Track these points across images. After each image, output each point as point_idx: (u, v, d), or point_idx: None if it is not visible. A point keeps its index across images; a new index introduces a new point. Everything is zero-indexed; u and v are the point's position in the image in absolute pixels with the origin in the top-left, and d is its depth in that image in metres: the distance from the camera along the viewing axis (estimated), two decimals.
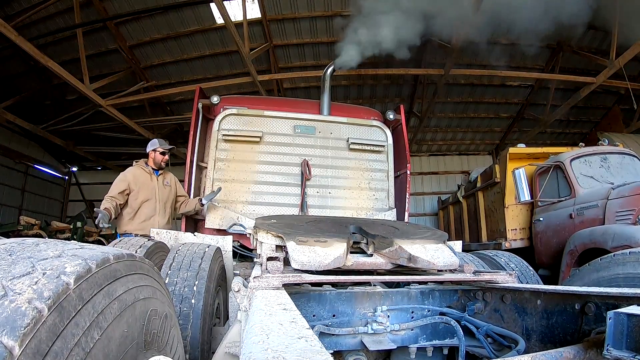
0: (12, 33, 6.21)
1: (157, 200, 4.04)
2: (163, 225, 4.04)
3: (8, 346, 0.59)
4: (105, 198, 3.86)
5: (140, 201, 3.96)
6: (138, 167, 4.11)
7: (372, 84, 11.05)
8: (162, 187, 4.11)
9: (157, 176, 4.14)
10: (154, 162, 4.14)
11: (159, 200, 4.05)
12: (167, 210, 4.13)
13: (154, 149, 4.15)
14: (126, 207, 3.95)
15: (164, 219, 4.06)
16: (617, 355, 0.90)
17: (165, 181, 4.18)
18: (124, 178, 3.98)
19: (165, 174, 4.24)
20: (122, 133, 11.45)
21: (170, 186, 4.20)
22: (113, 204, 3.81)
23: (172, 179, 4.27)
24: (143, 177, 4.05)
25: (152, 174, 4.11)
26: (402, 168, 4.58)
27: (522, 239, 6.19)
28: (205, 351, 1.96)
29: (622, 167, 5.23)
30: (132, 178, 4.00)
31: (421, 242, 1.95)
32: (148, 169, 4.11)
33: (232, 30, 6.92)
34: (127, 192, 3.94)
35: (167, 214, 4.12)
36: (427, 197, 13.77)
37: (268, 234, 1.95)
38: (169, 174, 4.29)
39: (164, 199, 4.10)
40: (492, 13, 6.24)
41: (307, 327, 0.82)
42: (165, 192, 4.13)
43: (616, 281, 1.76)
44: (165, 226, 4.06)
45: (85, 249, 0.88)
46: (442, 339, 1.81)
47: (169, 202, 4.16)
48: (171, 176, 4.30)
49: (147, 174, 4.08)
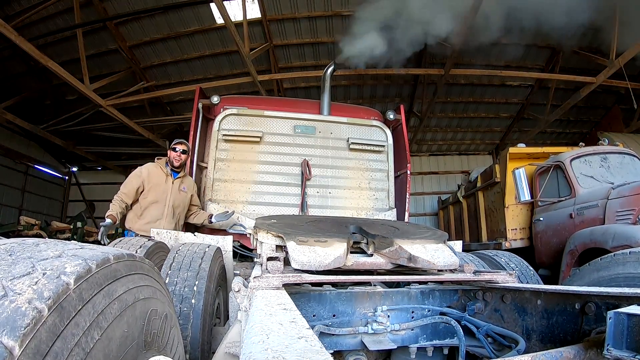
0: (12, 33, 6.21)
1: (167, 205, 3.78)
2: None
3: (8, 346, 0.59)
4: (116, 197, 3.66)
5: (149, 201, 3.73)
6: (156, 165, 3.86)
7: (372, 84, 11.05)
8: (176, 192, 3.84)
9: (175, 179, 3.88)
10: (169, 161, 3.89)
11: (168, 204, 3.78)
12: (176, 216, 3.86)
13: (170, 147, 3.94)
14: (136, 203, 3.74)
15: (170, 224, 3.79)
16: (617, 355, 0.90)
17: (183, 186, 3.91)
18: (139, 174, 3.75)
19: (185, 179, 4.00)
20: (122, 133, 11.45)
21: (187, 193, 3.94)
22: (121, 207, 3.62)
23: (192, 187, 4.04)
24: (158, 177, 3.81)
25: (169, 175, 3.85)
26: (402, 168, 4.58)
27: (522, 239, 6.19)
28: (206, 351, 1.96)
29: (622, 167, 5.23)
30: (146, 175, 3.76)
31: (421, 242, 1.95)
32: (167, 169, 3.86)
33: (232, 30, 6.92)
34: (140, 189, 3.72)
35: (175, 220, 3.85)
36: (427, 197, 13.77)
37: (268, 234, 1.95)
38: (189, 180, 4.06)
39: (176, 205, 3.83)
40: (492, 13, 6.24)
41: (307, 327, 0.82)
42: (180, 197, 3.87)
43: (616, 281, 1.76)
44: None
45: (85, 249, 0.88)
46: (442, 339, 1.80)
47: (180, 209, 3.90)
48: (191, 183, 4.07)
49: (164, 174, 3.83)
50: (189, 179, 4.09)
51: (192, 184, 4.08)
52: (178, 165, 3.89)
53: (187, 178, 4.07)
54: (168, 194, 3.79)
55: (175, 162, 3.85)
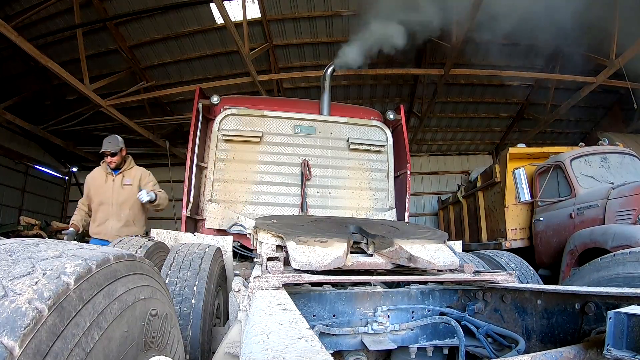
0: (12, 33, 6.21)
1: (111, 203, 3.79)
2: (118, 229, 3.78)
3: (8, 346, 0.59)
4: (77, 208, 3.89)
5: (96, 204, 3.81)
6: (99, 169, 3.91)
7: (372, 84, 11.05)
8: (118, 188, 3.83)
9: (116, 175, 3.86)
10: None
11: (112, 202, 3.79)
12: (126, 213, 3.84)
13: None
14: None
15: (118, 222, 3.80)
16: (617, 355, 0.90)
17: (126, 180, 3.87)
18: (86, 180, 3.92)
19: (129, 172, 3.94)
20: (122, 133, 11.31)
21: (131, 185, 3.87)
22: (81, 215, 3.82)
23: (137, 177, 3.94)
24: (99, 179, 3.86)
25: (110, 174, 3.87)
26: (402, 168, 4.58)
27: (522, 239, 6.19)
28: (206, 351, 1.96)
29: (622, 167, 5.23)
30: (90, 181, 3.89)
31: (421, 242, 1.95)
32: (108, 169, 3.88)
33: (232, 30, 6.91)
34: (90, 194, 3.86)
35: (124, 217, 3.84)
36: (427, 197, 13.77)
37: (268, 234, 1.95)
38: (133, 172, 3.97)
39: (120, 201, 3.82)
40: (492, 13, 6.24)
41: (307, 327, 0.82)
42: (124, 193, 3.84)
43: (616, 281, 1.76)
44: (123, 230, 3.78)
45: (85, 249, 0.88)
46: (442, 339, 1.80)
47: (127, 204, 3.85)
48: (136, 173, 3.97)
49: (105, 174, 3.87)
50: (135, 170, 3.99)
51: (138, 173, 3.97)
52: (115, 167, 3.91)
53: (132, 170, 3.97)
54: (110, 193, 3.80)
55: (112, 165, 3.88)
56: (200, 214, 4.30)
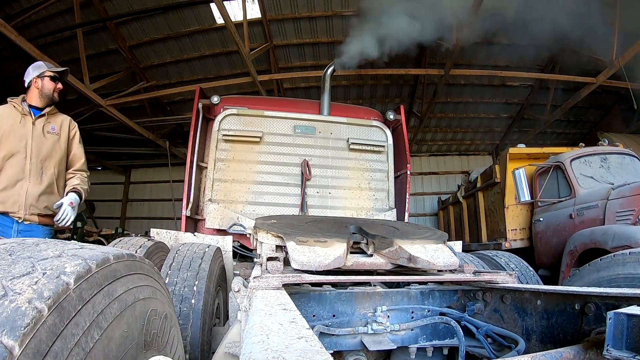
0: (12, 33, 6.22)
1: (29, 156, 2.56)
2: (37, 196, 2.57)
3: (8, 346, 0.59)
4: None
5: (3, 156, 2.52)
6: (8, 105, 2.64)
7: (372, 84, 11.05)
8: (39, 135, 2.63)
9: (36, 118, 2.64)
10: (40, 94, 2.67)
11: (31, 155, 2.57)
12: (47, 172, 2.64)
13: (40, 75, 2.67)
14: None
15: (38, 186, 2.59)
16: (617, 356, 0.90)
17: (51, 127, 2.70)
18: None
19: (54, 117, 2.76)
20: (122, 133, 11.45)
21: (57, 135, 2.72)
22: None
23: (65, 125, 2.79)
24: (10, 120, 2.57)
25: (28, 114, 2.62)
26: (402, 168, 4.58)
27: (522, 239, 6.19)
28: (205, 351, 1.96)
29: (622, 167, 5.23)
30: None
31: (421, 242, 1.95)
32: (23, 107, 2.62)
33: (232, 30, 6.92)
34: None
35: (47, 179, 2.63)
36: (427, 197, 13.77)
37: (268, 234, 1.95)
38: (59, 117, 2.79)
39: (43, 155, 2.62)
40: (492, 13, 6.24)
41: (307, 327, 0.82)
42: (48, 143, 2.66)
43: (616, 281, 1.76)
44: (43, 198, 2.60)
45: (85, 249, 0.88)
46: (442, 339, 1.80)
47: (52, 160, 2.67)
48: (63, 120, 2.81)
49: (19, 114, 2.60)
50: (60, 116, 2.82)
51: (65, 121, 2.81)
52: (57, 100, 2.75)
53: (58, 115, 2.80)
54: (28, 140, 2.58)
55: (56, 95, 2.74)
56: (200, 214, 4.30)
